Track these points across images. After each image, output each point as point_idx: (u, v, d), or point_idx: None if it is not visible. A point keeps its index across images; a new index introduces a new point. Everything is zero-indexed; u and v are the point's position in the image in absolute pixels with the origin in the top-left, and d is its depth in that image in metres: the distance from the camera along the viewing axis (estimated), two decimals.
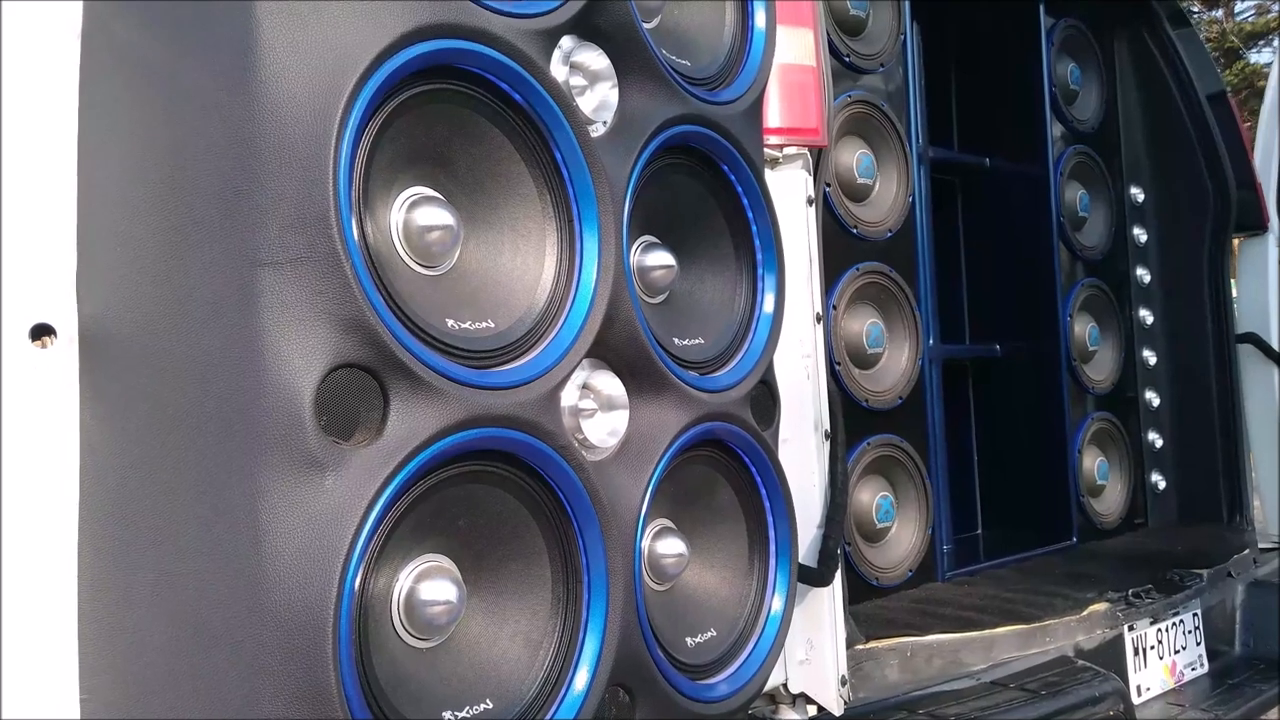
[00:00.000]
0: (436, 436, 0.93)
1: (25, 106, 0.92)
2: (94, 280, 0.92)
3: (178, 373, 0.89)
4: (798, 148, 1.79)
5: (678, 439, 1.24)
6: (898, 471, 2.37)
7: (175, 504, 0.89)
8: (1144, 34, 3.09)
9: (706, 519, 1.37)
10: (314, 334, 0.86)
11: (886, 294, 2.36)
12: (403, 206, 1.02)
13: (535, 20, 1.08)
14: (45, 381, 0.91)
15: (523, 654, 1.07)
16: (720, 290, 1.40)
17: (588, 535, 1.10)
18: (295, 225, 0.85)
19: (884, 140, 2.38)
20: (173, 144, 0.89)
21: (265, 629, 0.84)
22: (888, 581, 2.31)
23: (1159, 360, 3.17)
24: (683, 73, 1.32)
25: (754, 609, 1.37)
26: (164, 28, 0.91)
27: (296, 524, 0.85)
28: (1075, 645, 2.10)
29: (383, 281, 0.94)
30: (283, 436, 0.85)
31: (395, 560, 0.97)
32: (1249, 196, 3.03)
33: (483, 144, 1.08)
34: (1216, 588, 2.55)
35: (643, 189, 1.28)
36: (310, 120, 0.86)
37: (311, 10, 0.88)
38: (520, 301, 1.09)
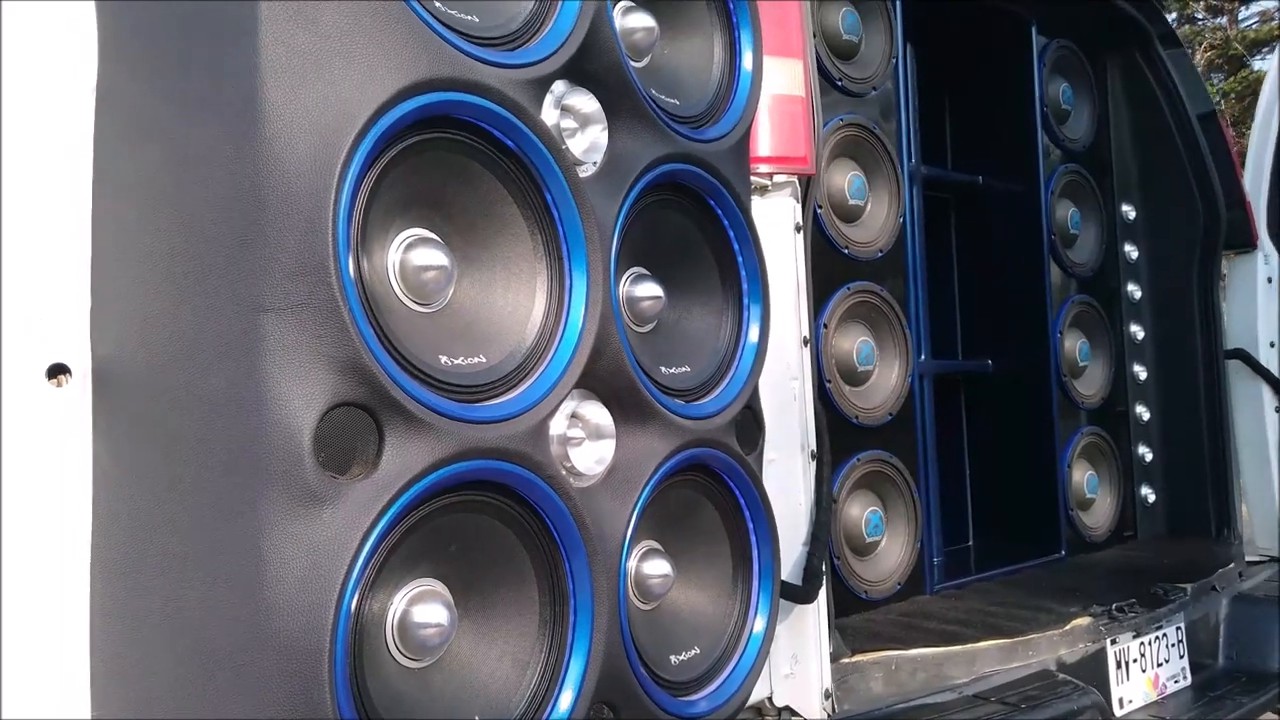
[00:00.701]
0: (429, 470, 0.99)
1: (43, 159, 0.98)
2: (107, 323, 0.98)
3: (185, 410, 0.94)
4: (787, 176, 1.84)
5: (663, 465, 1.29)
6: (887, 487, 2.42)
7: (183, 534, 0.94)
8: (1136, 54, 3.13)
9: (692, 541, 1.42)
10: (313, 375, 0.92)
11: (877, 312, 2.41)
12: (399, 247, 1.08)
13: (527, 70, 1.14)
14: (61, 417, 0.97)
15: (511, 674, 1.12)
16: (706, 320, 1.46)
17: (574, 560, 1.15)
18: (297, 273, 0.91)
19: (876, 162, 2.43)
20: (182, 196, 0.95)
21: (267, 653, 0.90)
22: (876, 595, 2.36)
23: (1149, 375, 3.22)
24: (671, 111, 1.38)
25: (737, 628, 1.42)
26: (174, 87, 0.96)
27: (296, 554, 0.90)
28: (1057, 659, 2.15)
29: (379, 323, 0.99)
30: (284, 472, 0.91)
31: (390, 585, 1.03)
32: (1238, 215, 3.08)
33: (477, 187, 1.14)
34: (1200, 602, 2.60)
35: (633, 224, 1.34)
36: (312, 175, 0.91)
37: (313, 69, 0.93)
38: (511, 337, 1.15)
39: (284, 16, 0.93)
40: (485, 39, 1.11)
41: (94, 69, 0.99)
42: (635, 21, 1.37)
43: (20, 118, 0.98)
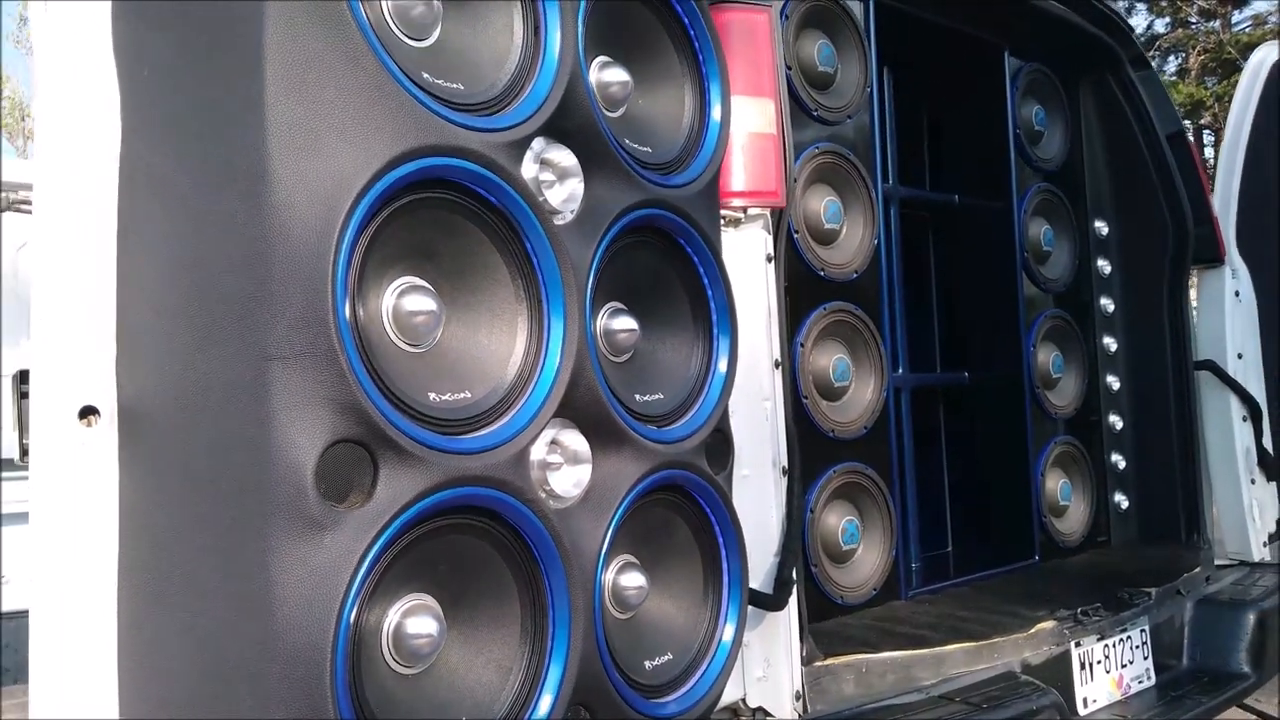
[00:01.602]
0: (418, 497, 1.11)
1: (72, 221, 1.10)
2: (131, 369, 1.10)
3: (201, 447, 1.06)
4: (759, 208, 1.96)
5: (635, 486, 1.41)
6: (863, 497, 2.54)
7: (200, 557, 1.06)
8: (1107, 77, 3.25)
9: (666, 555, 1.54)
10: (315, 415, 1.04)
11: (853, 330, 2.53)
12: (393, 293, 1.19)
13: (508, 132, 1.25)
14: (91, 453, 1.09)
15: (495, 679, 1.24)
16: (679, 350, 1.57)
17: (552, 576, 1.27)
18: (300, 326, 1.03)
19: (851, 187, 2.54)
20: (198, 256, 1.07)
21: (275, 662, 1.01)
22: (852, 600, 2.47)
23: (1122, 385, 3.33)
24: (643, 159, 1.49)
25: (707, 635, 1.54)
26: (191, 157, 1.08)
27: (301, 575, 1.02)
28: (1022, 661, 2.26)
29: (373, 367, 1.11)
30: (289, 502, 1.02)
31: (384, 600, 1.14)
32: (1206, 231, 3.19)
33: (463, 239, 1.25)
34: (1165, 605, 2.71)
35: (609, 263, 1.46)
36: (314, 239, 1.03)
37: (314, 143, 1.05)
38: (494, 374, 1.26)
39: (287, 95, 1.05)
40: (469, 106, 1.23)
41: (118, 139, 1.11)
42: (611, 76, 1.49)
43: (52, 184, 1.10)
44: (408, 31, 1.22)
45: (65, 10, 1.10)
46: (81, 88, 1.11)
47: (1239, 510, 3.21)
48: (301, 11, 1.06)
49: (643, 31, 1.57)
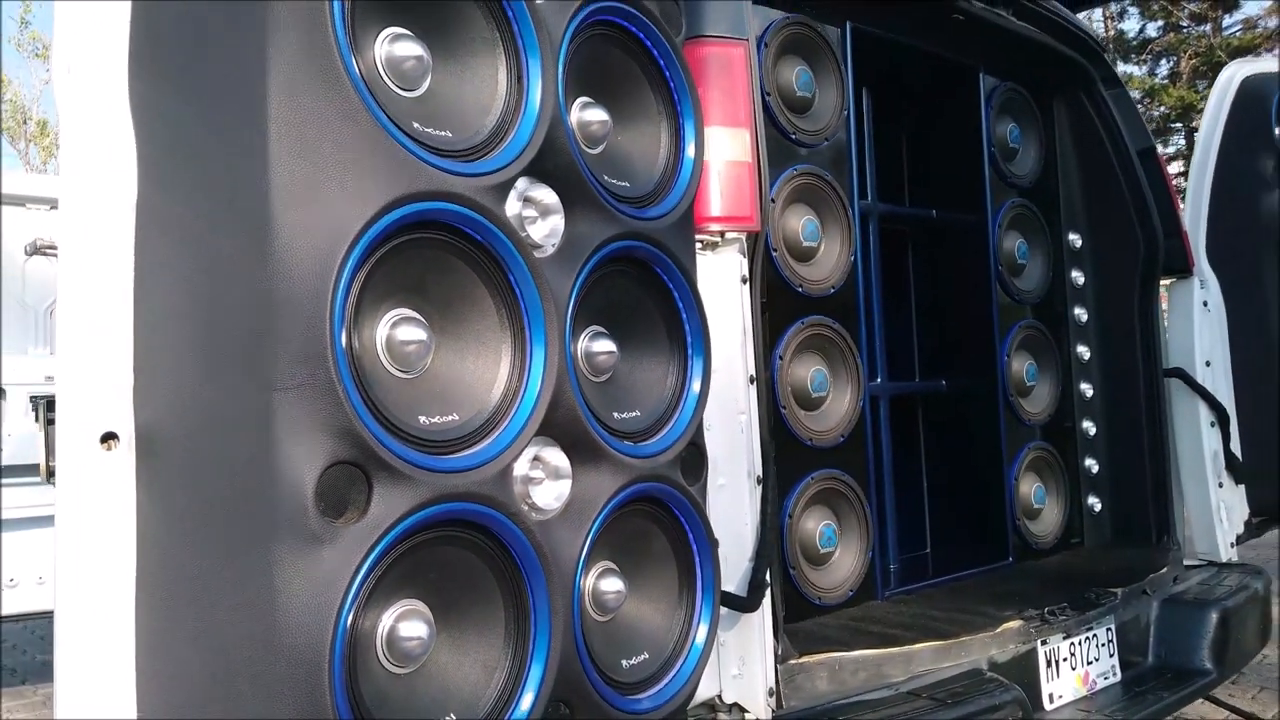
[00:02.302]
0: (409, 513, 1.22)
1: (93, 264, 1.21)
2: (147, 398, 1.21)
3: (211, 469, 1.17)
4: (735, 232, 2.07)
5: (613, 499, 1.52)
6: (840, 502, 2.64)
7: (210, 568, 1.18)
8: (1080, 95, 3.36)
9: (644, 561, 1.65)
10: (314, 440, 1.15)
11: (830, 343, 2.63)
12: (386, 324, 1.30)
13: (493, 175, 1.36)
14: (111, 475, 1.20)
15: (481, 678, 1.35)
16: (655, 371, 1.68)
17: (534, 583, 1.38)
18: (301, 360, 1.14)
19: (829, 206, 2.65)
20: (208, 296, 1.18)
21: (279, 664, 1.12)
22: (829, 601, 2.58)
23: (1095, 392, 3.44)
24: (621, 194, 1.60)
25: (681, 636, 1.65)
26: (202, 205, 1.19)
27: (302, 585, 1.13)
28: (989, 659, 2.37)
29: (368, 395, 1.22)
30: (291, 519, 1.13)
31: (379, 606, 1.25)
32: (1176, 244, 3.30)
33: (452, 274, 1.36)
34: (1131, 604, 2.82)
35: (590, 290, 1.57)
36: (313, 281, 1.14)
37: (313, 194, 1.16)
38: (480, 397, 1.37)
39: (288, 149, 1.16)
40: (456, 152, 1.34)
41: (135, 187, 1.22)
42: (591, 115, 1.60)
43: (75, 229, 1.21)
44: (399, 83, 1.33)
45: (88, 73, 1.21)
46: (102, 143, 1.22)
47: (1207, 512, 3.32)
48: (301, 71, 1.17)
49: (622, 73, 1.68)
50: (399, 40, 1.32)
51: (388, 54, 1.32)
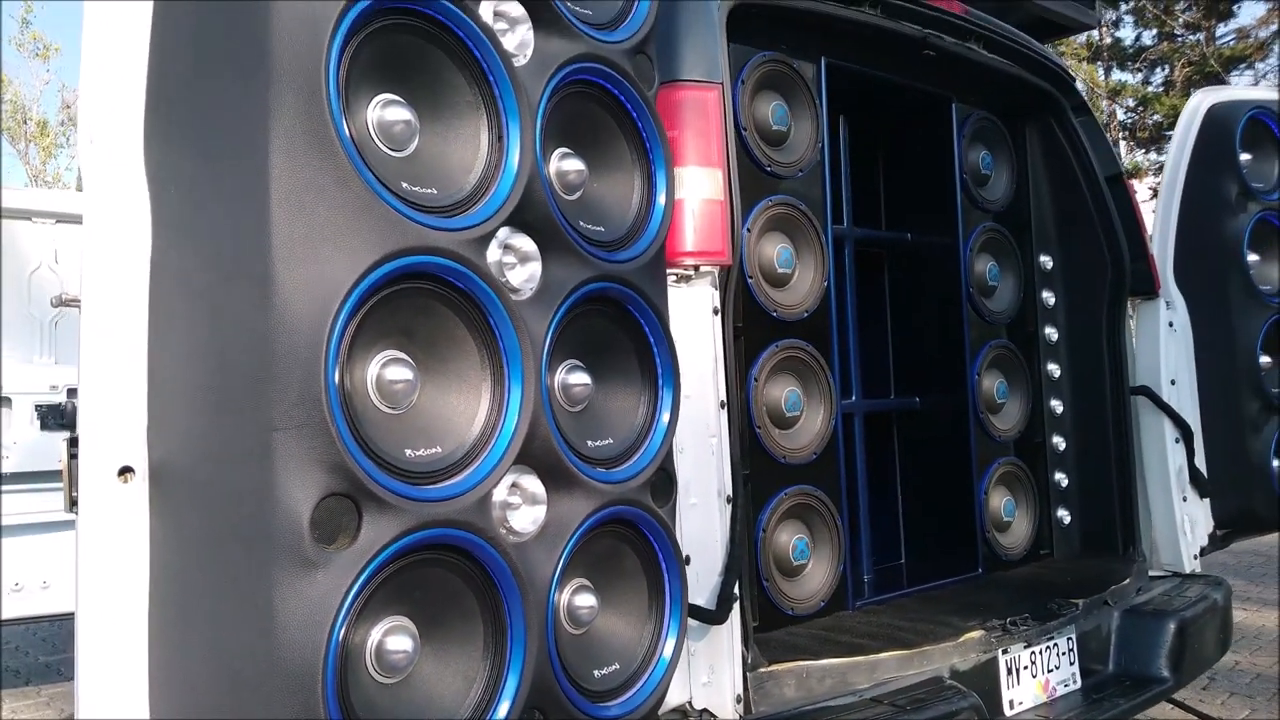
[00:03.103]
0: (395, 539, 1.35)
1: (112, 315, 1.34)
2: (160, 435, 1.34)
3: (217, 500, 1.30)
4: (708, 266, 2.20)
5: (585, 521, 1.65)
6: (813, 516, 2.77)
7: (215, 588, 1.31)
8: (1051, 122, 3.49)
9: (616, 579, 1.78)
10: (310, 475, 1.28)
11: (803, 364, 2.76)
12: (376, 365, 1.43)
13: (474, 229, 1.49)
14: (127, 504, 1.33)
15: (461, 688, 1.48)
16: (628, 401, 1.81)
17: (510, 600, 1.51)
18: (299, 403, 1.27)
19: (803, 234, 2.78)
20: (216, 344, 1.31)
21: (276, 675, 1.25)
22: (801, 611, 2.71)
23: (1065, 409, 3.57)
24: (595, 238, 1.73)
25: (650, 649, 1.78)
26: (210, 262, 1.32)
27: (298, 605, 1.26)
28: (951, 667, 2.50)
29: (359, 433, 1.35)
30: (289, 545, 1.26)
31: (368, 622, 1.38)
32: (1142, 266, 3.43)
33: (436, 318, 1.50)
34: (1092, 615, 2.95)
35: (567, 327, 1.70)
36: (310, 331, 1.27)
37: (311, 252, 1.29)
38: (461, 431, 1.50)
39: (288, 213, 1.29)
40: (441, 208, 1.47)
41: (150, 245, 1.35)
42: (569, 165, 1.73)
43: (96, 283, 1.35)
44: (389, 144, 1.46)
45: (108, 143, 1.35)
46: (121, 205, 1.36)
47: (1172, 525, 3.44)
48: (298, 140, 1.30)
49: (598, 125, 1.81)
50: (390, 105, 1.46)
51: (379, 118, 1.45)
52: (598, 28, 1.76)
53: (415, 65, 1.50)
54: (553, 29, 1.66)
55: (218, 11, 1.34)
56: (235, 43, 1.32)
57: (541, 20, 1.65)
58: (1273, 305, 3.57)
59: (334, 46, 1.33)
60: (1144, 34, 18.56)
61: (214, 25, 1.35)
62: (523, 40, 1.63)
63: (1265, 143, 3.68)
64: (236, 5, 1.32)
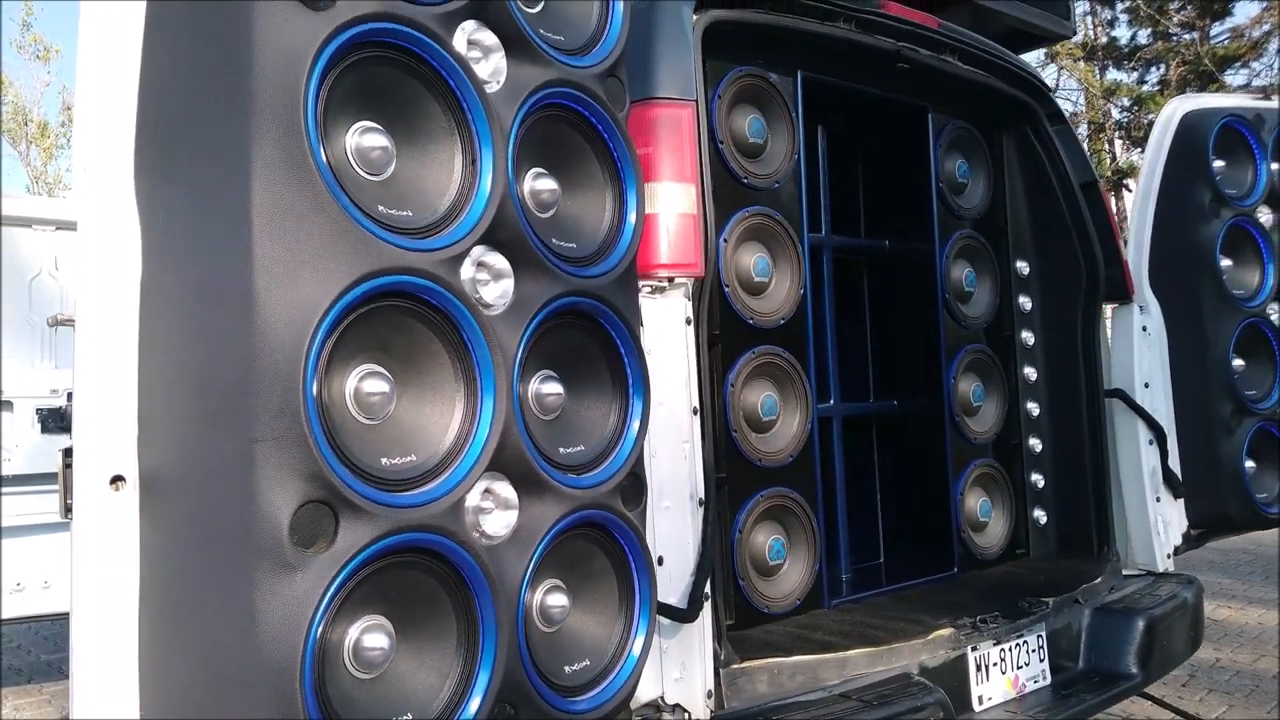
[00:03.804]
0: (370, 543, 1.43)
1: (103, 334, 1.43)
2: (150, 446, 1.43)
3: (203, 507, 1.39)
4: (682, 278, 2.28)
5: (555, 525, 1.73)
6: (789, 517, 2.86)
7: (201, 590, 1.39)
8: (1027, 131, 3.57)
9: (587, 579, 1.86)
10: (290, 483, 1.36)
11: (780, 370, 2.85)
12: (354, 378, 1.51)
13: (448, 249, 1.58)
14: (119, 511, 1.41)
15: (435, 683, 1.56)
16: (599, 410, 1.90)
17: (482, 600, 1.59)
18: (279, 416, 1.35)
19: (779, 243, 2.86)
20: (201, 360, 1.39)
21: (257, 671, 1.34)
22: (777, 610, 2.80)
23: (1041, 412, 3.66)
24: (567, 254, 1.82)
25: (619, 646, 1.86)
26: (196, 284, 1.41)
27: (278, 605, 1.34)
28: (919, 664, 2.59)
29: (336, 443, 1.43)
30: (270, 549, 1.35)
31: (346, 621, 1.46)
32: (1116, 272, 3.52)
33: (412, 334, 1.58)
34: (1063, 613, 3.04)
35: (541, 339, 1.78)
36: (290, 349, 1.35)
37: (290, 274, 1.37)
38: (435, 440, 1.59)
39: (269, 237, 1.37)
40: (416, 230, 1.55)
41: (140, 268, 1.44)
42: (542, 185, 1.81)
43: (90, 303, 1.43)
44: (367, 169, 1.54)
45: (100, 172, 1.43)
46: (113, 230, 1.44)
47: (1146, 525, 3.53)
48: (278, 168, 1.38)
49: (570, 146, 1.89)
50: (367, 132, 1.54)
51: (357, 144, 1.53)
52: (569, 53, 1.84)
53: (392, 94, 1.59)
54: (525, 56, 1.74)
55: (204, 47, 1.43)
56: (220, 77, 1.40)
57: (514, 48, 1.73)
58: (1245, 310, 3.64)
59: (312, 80, 1.41)
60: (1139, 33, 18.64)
61: (200, 61, 1.43)
62: (496, 67, 1.71)
63: (1238, 150, 3.75)
64: (221, 42, 1.40)
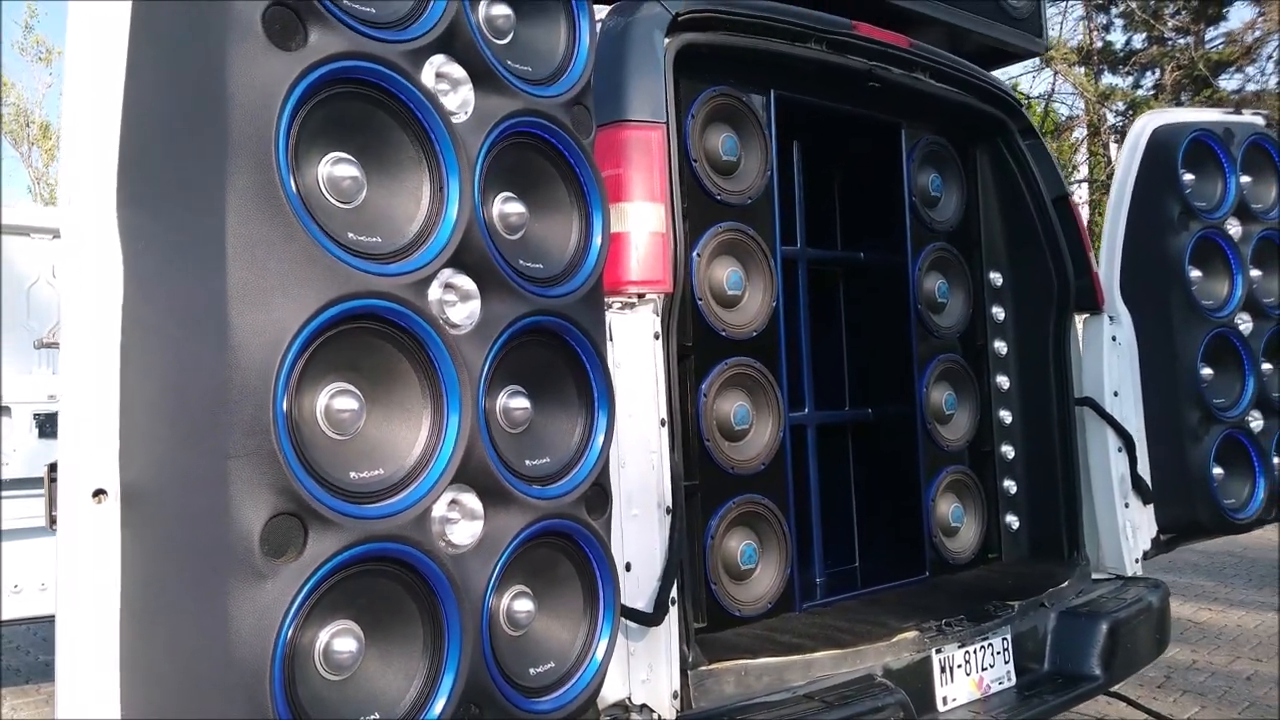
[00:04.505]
0: (337, 552, 1.51)
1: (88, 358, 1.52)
2: (130, 461, 1.52)
3: (180, 519, 1.48)
4: (651, 294, 2.37)
5: (519, 534, 1.81)
6: (761, 523, 2.95)
7: (178, 597, 1.48)
8: (1000, 145, 3.66)
9: (553, 585, 1.95)
10: (261, 497, 1.45)
11: (752, 380, 2.94)
12: (325, 396, 1.60)
13: (416, 273, 1.66)
14: (101, 522, 1.50)
15: (403, 685, 1.65)
16: (565, 424, 1.98)
17: (447, 606, 1.68)
18: (251, 433, 1.44)
19: (752, 257, 2.95)
20: (178, 381, 1.48)
21: (231, 673, 1.43)
22: (749, 613, 2.89)
23: (1014, 419, 3.74)
24: (533, 275, 1.90)
25: (583, 650, 1.94)
26: (173, 308, 1.50)
27: (250, 611, 1.43)
28: (884, 665, 2.68)
29: (306, 459, 1.52)
30: (242, 559, 1.43)
31: (316, 626, 1.55)
32: (1086, 283, 3.60)
33: (380, 353, 1.66)
34: (1028, 616, 3.13)
35: (507, 357, 1.86)
36: (261, 370, 1.44)
37: (262, 300, 1.46)
38: (402, 455, 1.67)
39: (242, 265, 1.45)
40: (384, 255, 1.64)
41: (121, 294, 1.53)
42: (511, 208, 1.90)
43: (74, 326, 1.52)
44: (338, 198, 1.63)
45: (84, 203, 1.52)
46: (96, 258, 1.53)
47: (1115, 530, 3.62)
48: (252, 200, 1.47)
49: (538, 171, 1.97)
50: (339, 163, 1.62)
51: (329, 174, 1.62)
52: (536, 83, 1.93)
53: (363, 126, 1.67)
54: (492, 87, 1.83)
55: (183, 86, 1.52)
56: (197, 114, 1.49)
57: (481, 80, 1.82)
58: (1214, 320, 3.73)
59: (283, 117, 1.50)
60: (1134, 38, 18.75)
61: (179, 99, 1.52)
62: (464, 99, 1.80)
63: (1208, 163, 3.84)
64: (199, 81, 1.49)
